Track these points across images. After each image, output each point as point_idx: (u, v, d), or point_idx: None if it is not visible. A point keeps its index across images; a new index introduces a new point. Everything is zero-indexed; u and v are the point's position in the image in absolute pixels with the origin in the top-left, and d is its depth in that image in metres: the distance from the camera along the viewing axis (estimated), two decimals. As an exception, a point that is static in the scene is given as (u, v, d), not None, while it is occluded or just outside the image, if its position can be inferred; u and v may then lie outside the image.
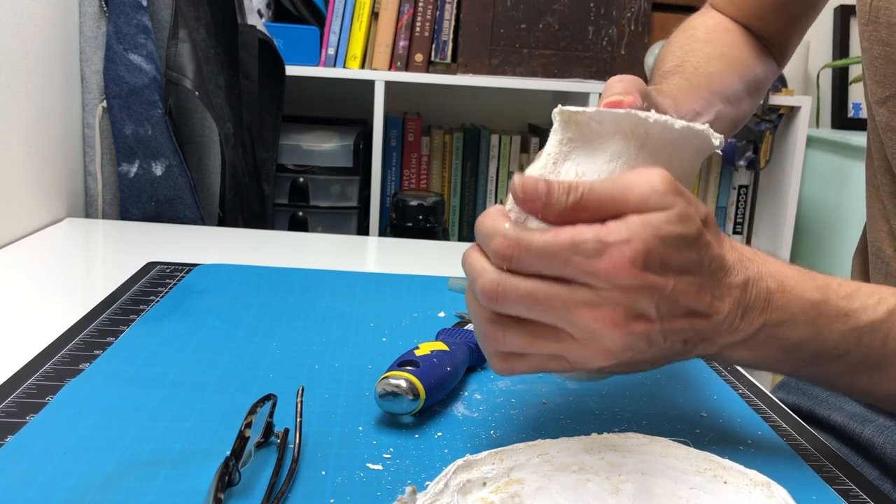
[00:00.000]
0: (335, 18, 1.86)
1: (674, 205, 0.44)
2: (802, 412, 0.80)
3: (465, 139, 2.10)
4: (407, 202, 1.78)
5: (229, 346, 0.65)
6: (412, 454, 0.51)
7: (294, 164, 1.84)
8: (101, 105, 1.12)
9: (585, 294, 0.43)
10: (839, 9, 2.30)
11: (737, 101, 0.77)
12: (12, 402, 0.54)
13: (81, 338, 0.65)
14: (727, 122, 0.74)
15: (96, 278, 0.88)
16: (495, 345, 0.46)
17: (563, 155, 0.48)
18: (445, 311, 0.77)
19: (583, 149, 0.48)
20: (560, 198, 0.44)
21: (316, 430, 0.52)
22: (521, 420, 0.56)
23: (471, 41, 1.92)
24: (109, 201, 1.16)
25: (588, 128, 0.47)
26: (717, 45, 0.79)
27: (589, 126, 0.47)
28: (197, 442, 0.50)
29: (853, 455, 0.74)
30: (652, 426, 0.57)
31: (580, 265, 0.43)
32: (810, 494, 0.49)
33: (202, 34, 1.21)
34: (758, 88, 0.82)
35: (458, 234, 2.14)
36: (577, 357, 0.45)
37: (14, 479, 0.45)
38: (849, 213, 2.02)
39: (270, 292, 0.79)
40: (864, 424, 0.74)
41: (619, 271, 0.42)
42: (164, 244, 0.98)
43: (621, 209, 0.44)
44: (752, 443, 0.56)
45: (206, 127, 1.23)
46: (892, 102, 0.68)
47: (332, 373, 0.62)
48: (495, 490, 0.45)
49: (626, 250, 0.42)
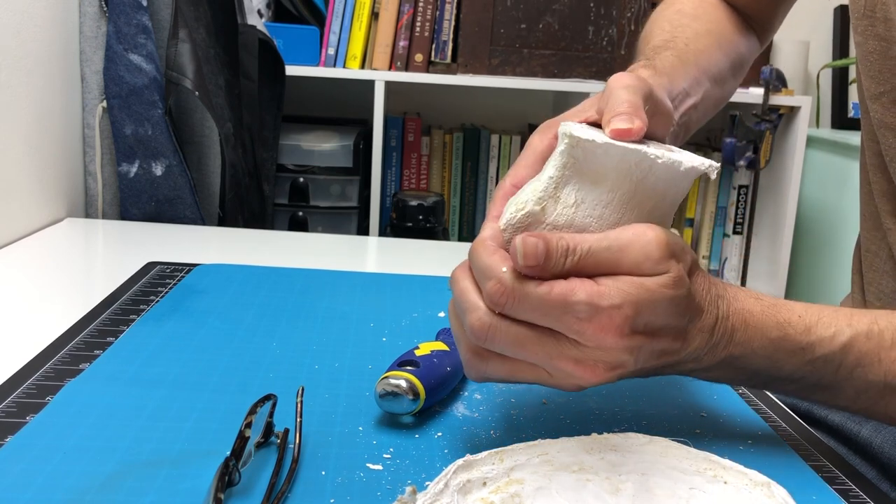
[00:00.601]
0: (335, 18, 1.86)
1: (667, 270, 0.46)
2: (800, 412, 0.80)
3: (465, 139, 2.10)
4: (407, 202, 1.78)
5: (229, 346, 0.65)
6: (412, 454, 0.51)
7: (294, 164, 1.84)
8: (101, 105, 1.12)
9: (571, 348, 0.45)
10: (839, 9, 2.30)
11: (722, 80, 0.76)
12: (12, 402, 0.54)
13: (81, 338, 0.65)
14: (711, 103, 0.74)
15: (96, 278, 0.88)
16: (475, 372, 0.49)
17: (565, 180, 0.47)
18: (445, 312, 0.76)
19: (586, 175, 0.47)
20: (558, 261, 0.45)
21: (316, 430, 0.52)
22: (521, 420, 0.56)
23: (471, 41, 1.92)
24: (109, 201, 1.16)
25: (594, 156, 0.47)
26: (704, 21, 0.79)
27: (595, 154, 0.47)
28: (197, 442, 0.50)
29: (851, 455, 0.74)
30: (652, 426, 0.57)
31: (570, 324, 0.45)
32: (810, 494, 0.49)
33: (202, 34, 1.21)
34: (741, 66, 0.82)
35: (458, 234, 2.14)
36: (553, 385, 0.48)
37: (14, 479, 0.45)
38: (848, 213, 2.02)
39: (270, 292, 0.79)
40: (861, 424, 0.74)
41: (606, 335, 0.45)
42: (164, 244, 0.98)
43: (615, 270, 0.46)
44: (752, 443, 0.56)
45: (206, 127, 1.23)
46: (886, 98, 0.68)
47: (332, 373, 0.62)
48: (495, 490, 0.45)
49: (615, 316, 0.44)
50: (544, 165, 0.49)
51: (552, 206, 0.47)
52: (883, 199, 0.73)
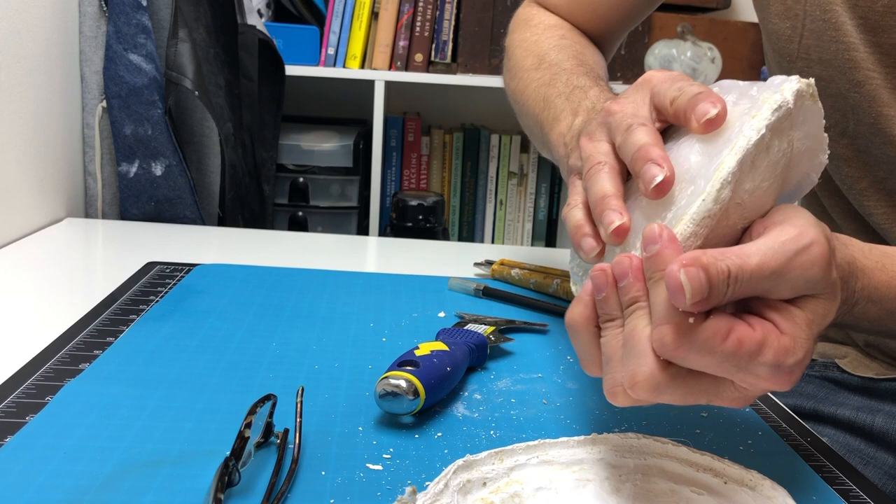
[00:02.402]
0: (335, 18, 1.86)
1: (832, 287, 0.43)
2: (805, 412, 0.80)
3: (465, 139, 2.10)
4: (407, 202, 1.78)
5: (229, 346, 0.65)
6: (412, 454, 0.51)
7: (294, 164, 1.84)
8: (100, 105, 1.12)
9: (734, 391, 0.42)
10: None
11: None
12: (12, 402, 0.54)
13: (81, 338, 0.65)
14: None
15: (96, 278, 0.88)
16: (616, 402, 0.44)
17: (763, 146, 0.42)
18: (445, 311, 0.77)
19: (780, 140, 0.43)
20: (721, 290, 0.40)
21: (316, 430, 0.52)
22: (521, 420, 0.56)
23: (471, 41, 1.92)
24: (109, 201, 1.16)
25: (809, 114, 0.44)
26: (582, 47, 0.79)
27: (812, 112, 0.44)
28: (197, 442, 0.50)
29: (866, 446, 0.74)
30: (652, 426, 0.57)
31: (746, 379, 0.41)
32: (810, 494, 0.49)
33: (202, 34, 1.21)
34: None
35: (457, 234, 2.14)
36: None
37: (14, 479, 0.45)
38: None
39: (270, 292, 0.79)
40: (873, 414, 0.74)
41: (784, 385, 0.42)
42: (163, 244, 0.97)
43: (777, 292, 0.42)
44: (752, 443, 0.56)
45: (206, 127, 1.23)
46: (833, 132, 0.70)
47: (332, 373, 0.62)
48: (495, 490, 0.45)
49: (795, 371, 0.41)
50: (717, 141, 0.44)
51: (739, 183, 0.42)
52: (843, 218, 0.76)
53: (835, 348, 0.83)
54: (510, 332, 0.71)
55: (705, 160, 0.44)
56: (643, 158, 0.44)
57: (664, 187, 0.43)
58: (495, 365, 0.66)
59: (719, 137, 0.44)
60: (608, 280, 0.43)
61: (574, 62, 0.72)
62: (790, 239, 0.42)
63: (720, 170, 0.42)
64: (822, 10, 0.68)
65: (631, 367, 0.41)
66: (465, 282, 0.83)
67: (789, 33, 0.71)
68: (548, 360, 0.67)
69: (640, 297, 0.42)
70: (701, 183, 0.43)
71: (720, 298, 0.40)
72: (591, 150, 0.49)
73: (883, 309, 0.52)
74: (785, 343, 0.41)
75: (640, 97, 0.49)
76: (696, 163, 0.44)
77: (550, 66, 0.73)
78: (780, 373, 0.41)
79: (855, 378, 0.79)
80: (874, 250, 0.53)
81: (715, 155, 0.43)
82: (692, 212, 0.42)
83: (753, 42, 2.00)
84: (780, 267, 0.41)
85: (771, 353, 0.40)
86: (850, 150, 0.71)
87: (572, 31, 0.83)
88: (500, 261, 0.88)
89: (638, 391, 0.41)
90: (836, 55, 0.68)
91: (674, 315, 0.40)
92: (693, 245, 0.42)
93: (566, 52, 0.75)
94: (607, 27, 0.86)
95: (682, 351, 0.40)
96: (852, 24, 0.66)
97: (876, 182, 0.71)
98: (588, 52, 0.78)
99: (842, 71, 0.68)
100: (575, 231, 0.47)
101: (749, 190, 0.43)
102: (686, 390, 0.41)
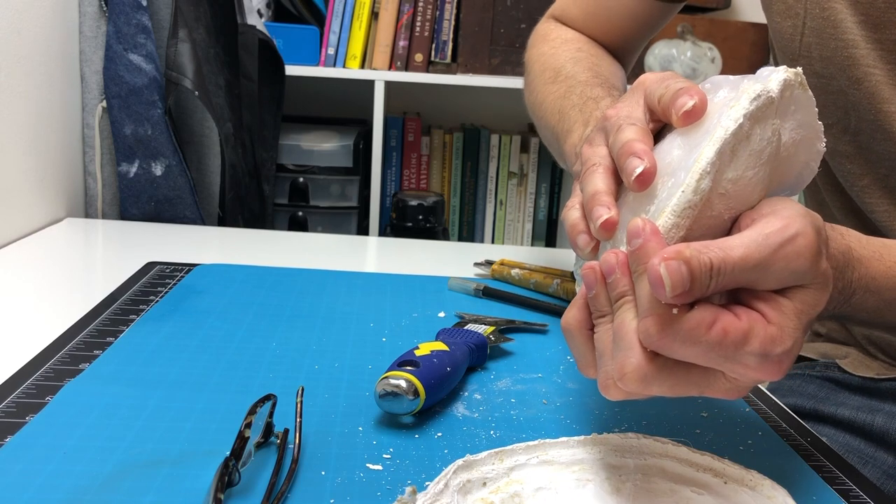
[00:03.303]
0: (335, 18, 1.86)
1: (822, 277, 0.43)
2: (805, 412, 0.80)
3: (465, 139, 2.10)
4: (407, 202, 1.78)
5: (229, 346, 0.65)
6: (412, 454, 0.51)
7: (294, 164, 1.84)
8: (100, 105, 1.12)
9: (724, 382, 0.43)
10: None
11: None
12: (12, 402, 0.54)
13: (81, 338, 0.65)
14: None
15: (96, 278, 0.88)
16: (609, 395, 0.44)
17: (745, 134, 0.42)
18: (445, 311, 0.77)
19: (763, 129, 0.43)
20: (703, 282, 0.40)
21: (316, 430, 0.52)
22: (521, 420, 0.56)
23: (471, 41, 1.92)
24: (109, 201, 1.16)
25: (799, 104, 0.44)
26: (598, 59, 0.80)
27: (802, 102, 0.44)
28: (197, 442, 0.50)
29: (866, 446, 0.74)
30: (652, 426, 0.57)
31: (734, 369, 0.41)
32: (810, 494, 0.49)
33: (202, 34, 1.21)
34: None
35: (457, 234, 2.14)
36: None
37: (14, 479, 0.45)
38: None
39: (270, 292, 0.79)
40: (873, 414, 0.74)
41: (773, 375, 0.42)
42: (163, 244, 0.97)
43: (764, 283, 0.42)
44: (752, 443, 0.56)
45: (206, 127, 1.23)
46: (835, 129, 0.71)
47: (332, 373, 0.62)
48: (495, 490, 0.45)
49: (785, 360, 0.41)
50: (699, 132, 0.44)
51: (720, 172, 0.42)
52: (842, 212, 0.76)
53: (836, 348, 0.83)
54: (510, 332, 0.71)
55: (686, 153, 0.44)
56: (626, 153, 0.45)
57: (645, 178, 0.44)
58: (495, 365, 0.66)
59: (699, 129, 0.44)
60: (597, 277, 0.43)
61: (589, 74, 0.74)
62: (775, 231, 0.42)
63: (699, 161, 0.42)
64: (822, 7, 0.68)
65: (619, 360, 0.41)
66: (465, 282, 0.83)
67: (791, 32, 0.71)
68: (548, 360, 0.67)
69: (627, 292, 0.42)
70: (681, 175, 0.43)
71: (703, 290, 0.40)
72: (588, 154, 0.50)
73: (881, 299, 0.52)
74: (772, 332, 0.41)
75: (635, 100, 0.50)
76: (677, 156, 0.44)
77: (566, 78, 0.75)
78: (768, 362, 0.41)
79: (855, 378, 0.79)
80: (872, 241, 0.53)
81: (695, 147, 0.44)
82: (673, 203, 0.42)
83: (753, 42, 2.00)
84: (765, 259, 0.41)
85: (757, 343, 0.40)
86: (851, 146, 0.71)
87: (589, 44, 0.84)
88: (500, 261, 0.88)
89: (627, 383, 0.41)
90: (836, 52, 0.68)
91: (657, 307, 0.40)
92: (676, 236, 0.42)
93: (582, 65, 0.76)
94: (624, 39, 0.86)
95: (666, 341, 0.40)
96: (853, 21, 0.67)
97: (878, 179, 0.71)
98: (604, 64, 0.79)
99: (842, 68, 0.68)
100: (571, 229, 0.48)
101: (732, 179, 0.43)
102: (675, 381, 0.42)
